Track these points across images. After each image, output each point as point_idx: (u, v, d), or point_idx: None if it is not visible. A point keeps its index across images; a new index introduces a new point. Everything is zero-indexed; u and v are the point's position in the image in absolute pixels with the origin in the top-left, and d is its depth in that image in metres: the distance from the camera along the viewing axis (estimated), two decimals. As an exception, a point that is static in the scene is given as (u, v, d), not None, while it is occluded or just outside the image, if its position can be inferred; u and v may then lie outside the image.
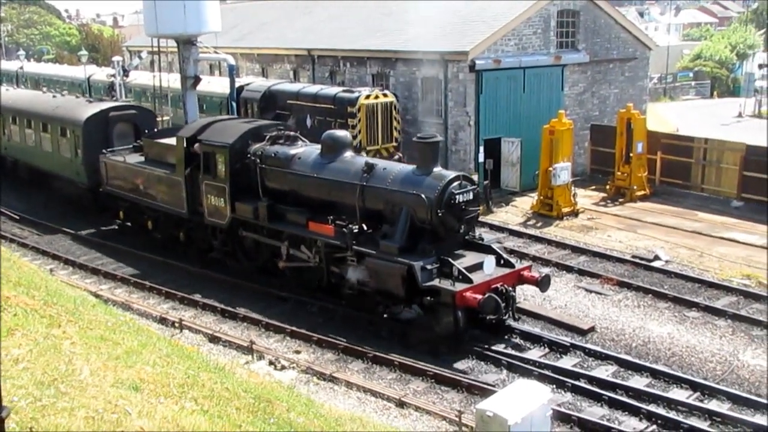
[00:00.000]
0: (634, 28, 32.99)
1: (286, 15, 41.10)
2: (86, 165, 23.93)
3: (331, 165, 16.88)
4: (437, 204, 14.74)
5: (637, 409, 12.68)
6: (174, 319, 16.92)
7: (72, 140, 24.65)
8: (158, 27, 25.90)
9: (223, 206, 18.52)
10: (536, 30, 28.51)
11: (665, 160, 27.50)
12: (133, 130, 24.61)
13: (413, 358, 14.61)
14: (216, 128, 19.32)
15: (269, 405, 5.98)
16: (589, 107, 30.75)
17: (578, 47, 29.85)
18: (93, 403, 4.86)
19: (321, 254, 16.72)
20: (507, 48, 27.81)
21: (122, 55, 45.50)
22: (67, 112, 25.55)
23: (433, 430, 12.26)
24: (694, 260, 20.07)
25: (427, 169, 15.44)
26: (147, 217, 22.06)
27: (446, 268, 14.52)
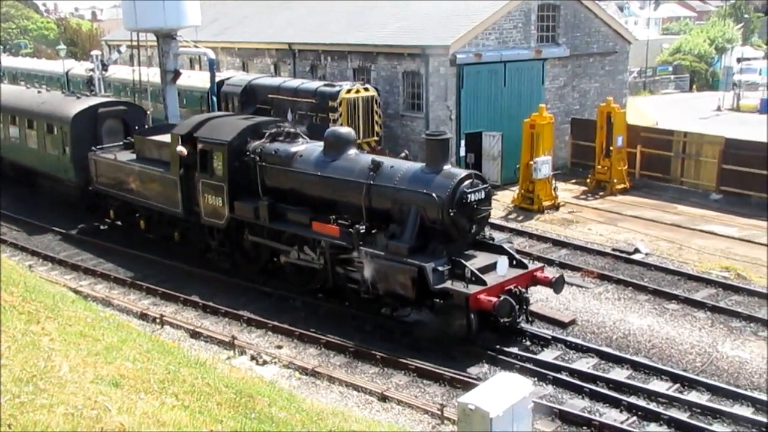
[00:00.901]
0: (614, 22, 33.11)
1: (267, 9, 40.89)
2: (74, 162, 23.25)
3: (335, 163, 16.34)
4: (449, 203, 14.30)
5: (618, 400, 12.76)
6: (155, 314, 16.80)
7: (59, 137, 23.97)
8: (137, 21, 25.79)
9: (221, 206, 17.98)
10: (517, 24, 28.56)
11: (645, 153, 27.66)
12: (123, 126, 23.95)
13: (395, 353, 14.64)
14: (213, 125, 18.72)
15: (250, 400, 5.97)
16: (569, 101, 30.87)
17: (558, 41, 29.94)
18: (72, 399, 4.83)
19: (326, 255, 16.22)
20: (488, 42, 27.84)
21: (101, 50, 45.08)
22: (54, 108, 24.84)
23: (415, 423, 12.29)
24: (673, 253, 20.22)
25: (437, 167, 14.95)
26: (139, 217, 21.54)
27: (458, 269, 14.06)
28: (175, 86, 27.47)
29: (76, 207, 24.55)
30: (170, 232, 20.59)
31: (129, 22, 26.29)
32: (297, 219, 16.71)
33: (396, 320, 15.81)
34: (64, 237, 23.18)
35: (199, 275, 19.26)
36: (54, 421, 4.39)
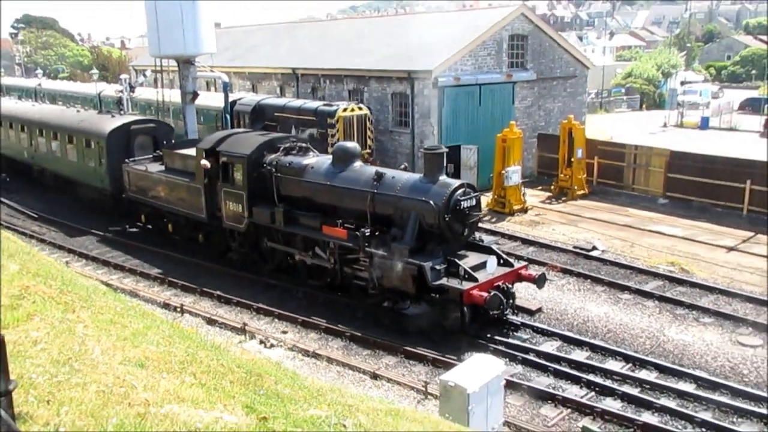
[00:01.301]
0: (575, 50, 33.23)
1: (273, 38, 40.89)
2: (110, 173, 23.29)
3: (343, 174, 16.22)
4: (444, 210, 14.26)
5: (578, 378, 12.83)
6: (176, 304, 16.78)
7: (96, 151, 23.95)
8: (161, 48, 25.72)
9: (240, 211, 17.88)
10: (490, 52, 28.62)
11: (601, 163, 27.74)
12: (152, 141, 23.90)
13: (385, 337, 14.65)
14: (233, 140, 18.61)
15: (259, 378, 5.95)
16: (536, 118, 30.93)
17: (527, 66, 30.02)
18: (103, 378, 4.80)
19: (335, 255, 16.15)
20: (465, 67, 27.89)
21: (129, 74, 44.88)
22: (91, 126, 24.78)
23: (402, 398, 12.29)
24: (626, 250, 20.28)
25: (434, 177, 14.87)
26: (167, 221, 21.46)
27: (453, 267, 14.07)
28: (194, 106, 27.40)
29: (110, 212, 24.40)
30: (195, 235, 20.55)
31: (153, 49, 26.23)
32: (309, 223, 16.62)
33: (385, 309, 15.75)
34: (97, 237, 23.00)
35: (215, 270, 19.22)
36: (87, 398, 4.37)
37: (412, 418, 6.88)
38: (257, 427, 4.52)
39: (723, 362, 13.41)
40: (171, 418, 4.32)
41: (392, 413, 6.62)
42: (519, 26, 29.42)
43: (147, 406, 4.46)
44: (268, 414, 4.81)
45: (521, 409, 11.98)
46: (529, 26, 29.79)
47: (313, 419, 5.00)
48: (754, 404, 11.97)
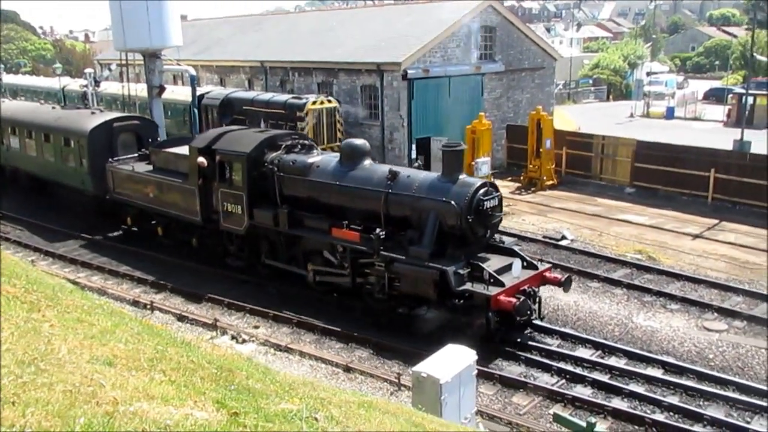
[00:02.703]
0: (542, 42, 33.49)
1: (241, 30, 40.54)
2: (92, 173, 21.86)
3: (353, 173, 15.22)
4: (467, 210, 13.42)
5: (549, 366, 12.95)
6: (146, 301, 16.59)
7: (76, 150, 22.50)
8: (126, 42, 25.33)
9: (240, 213, 16.76)
10: (459, 43, 28.71)
11: (570, 154, 28.04)
12: (136, 139, 22.58)
13: (358, 330, 14.63)
14: (230, 138, 17.44)
15: (230, 374, 5.91)
16: (505, 110, 31.14)
17: (495, 58, 30.18)
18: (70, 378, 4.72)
19: (346, 260, 15.13)
20: (434, 59, 27.94)
21: (93, 68, 44.14)
22: (70, 123, 23.25)
23: (376, 390, 12.31)
24: (594, 239, 20.52)
25: (453, 176, 14.06)
26: (156, 224, 20.22)
27: (476, 271, 13.28)
28: (161, 100, 27.06)
29: (92, 214, 23.04)
30: (188, 238, 19.32)
31: (118, 43, 25.84)
32: (316, 225, 15.62)
33: (357, 301, 15.70)
34: (67, 236, 22.25)
35: (185, 266, 18.99)
36: (54, 398, 4.29)
37: (385, 410, 6.89)
38: (228, 422, 4.48)
39: (689, 347, 13.66)
40: (140, 416, 4.27)
41: (365, 405, 6.62)
42: (487, 18, 29.56)
43: (115, 405, 4.39)
44: (239, 409, 4.77)
45: (493, 398, 12.08)
46: (497, 18, 29.95)
47: (284, 413, 4.97)
48: (719, 387, 12.23)
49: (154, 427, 4.13)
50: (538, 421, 11.41)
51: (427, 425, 6.74)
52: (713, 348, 13.61)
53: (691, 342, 13.84)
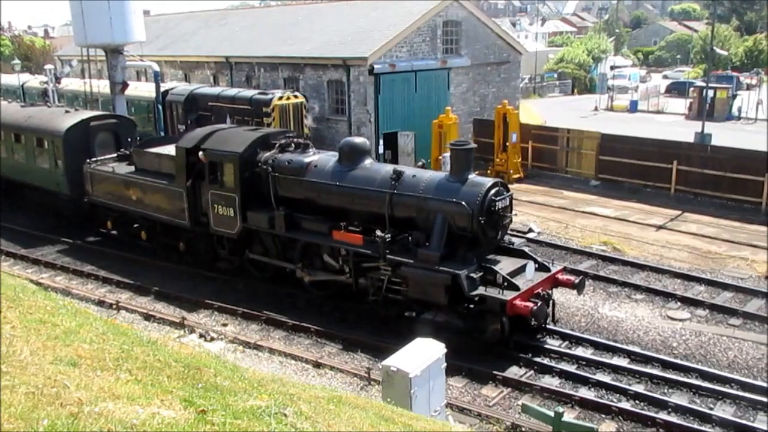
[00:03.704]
0: (508, 36, 33.72)
1: (205, 25, 40.10)
2: (68, 175, 20.68)
3: (353, 173, 14.52)
4: (479, 212, 12.84)
5: (518, 358, 13.08)
6: (111, 301, 16.34)
7: (51, 150, 21.18)
8: (87, 37, 24.91)
9: (232, 216, 15.92)
10: (425, 38, 28.78)
11: (536, 147, 28.27)
12: (114, 139, 21.43)
13: (327, 326, 14.61)
14: (219, 137, 16.45)
15: (198, 372, 5.86)
16: (471, 104, 31.31)
17: (461, 53, 30.31)
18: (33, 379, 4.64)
19: (349, 263, 14.52)
20: (400, 54, 27.97)
21: (54, 64, 43.29)
22: (43, 122, 21.87)
23: (346, 385, 12.32)
24: (561, 231, 20.74)
25: (462, 176, 13.41)
26: (139, 227, 19.18)
27: (489, 275, 12.78)
28: (124, 96, 26.67)
29: (66, 216, 21.98)
30: (174, 242, 18.38)
31: (79, 38, 25.38)
32: (315, 228, 14.93)
33: (325, 298, 15.65)
34: (44, 240, 21.10)
35: (152, 265, 18.73)
36: (16, 400, 4.22)
37: (355, 404, 6.91)
38: (196, 420, 4.46)
39: (654, 336, 13.91)
40: (106, 416, 4.22)
41: (334, 400, 6.63)
42: (453, 13, 29.66)
43: (80, 406, 4.34)
44: (206, 407, 4.75)
45: (463, 391, 12.17)
46: (463, 12, 30.06)
47: (253, 410, 4.96)
48: (683, 375, 12.49)
49: (120, 427, 4.09)
50: (507, 412, 11.53)
51: (396, 419, 6.78)
52: (677, 336, 13.87)
53: (656, 331, 14.08)
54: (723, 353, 13.25)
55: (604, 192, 25.17)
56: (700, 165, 23.85)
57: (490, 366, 12.82)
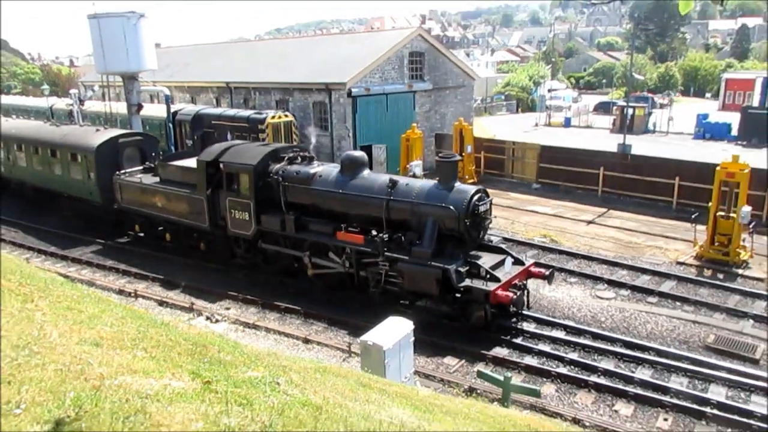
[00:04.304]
0: (463, 65, 33.85)
1: (208, 56, 39.67)
2: (99, 185, 20.29)
3: (354, 182, 14.42)
4: (464, 215, 12.82)
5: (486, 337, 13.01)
6: (130, 290, 16.11)
7: (84, 164, 20.78)
8: (106, 66, 24.52)
9: (247, 219, 15.77)
10: (394, 66, 28.78)
11: (487, 157, 28.45)
12: (139, 153, 21.11)
13: (315, 308, 14.55)
14: (235, 152, 16.24)
15: (204, 349, 5.79)
16: (433, 121, 31.37)
17: (424, 78, 30.37)
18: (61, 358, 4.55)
19: (351, 260, 14.34)
20: (374, 80, 27.94)
21: (78, 89, 42.49)
22: (77, 140, 21.47)
23: (330, 357, 12.28)
24: (508, 226, 20.84)
25: (449, 184, 13.37)
26: (164, 230, 18.95)
27: (473, 269, 12.79)
28: (139, 116, 26.27)
29: (99, 223, 21.35)
30: (195, 243, 18.16)
31: (100, 66, 24.95)
32: (321, 230, 14.78)
33: (312, 284, 15.57)
34: (79, 241, 20.66)
35: (163, 258, 18.50)
36: (46, 376, 4.14)
37: (338, 373, 6.89)
38: (202, 389, 4.40)
39: (586, 312, 14.05)
40: (124, 388, 4.15)
41: (320, 370, 6.60)
42: (417, 45, 29.69)
43: (102, 380, 4.26)
44: (211, 378, 4.69)
45: (428, 360, 12.20)
46: (425, 45, 30.11)
47: (251, 380, 4.91)
48: (609, 344, 12.64)
49: (137, 397, 4.02)
50: (465, 377, 11.59)
51: (373, 385, 6.76)
52: (604, 312, 14.03)
53: (587, 308, 14.22)
54: (642, 326, 13.44)
55: (544, 193, 25.39)
56: (622, 170, 24.17)
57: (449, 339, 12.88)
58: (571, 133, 45.81)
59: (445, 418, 5.83)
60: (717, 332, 13.08)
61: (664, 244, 18.79)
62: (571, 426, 9.66)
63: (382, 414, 5.00)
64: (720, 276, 16.26)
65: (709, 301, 14.65)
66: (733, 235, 16.81)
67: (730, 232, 16.85)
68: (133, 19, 23.86)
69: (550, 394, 10.99)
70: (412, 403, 6.11)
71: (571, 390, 11.15)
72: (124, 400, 3.94)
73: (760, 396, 10.84)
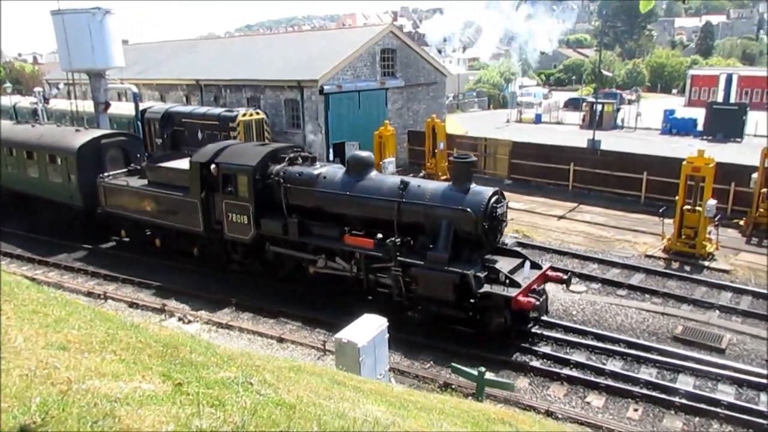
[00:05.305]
0: (435, 62, 33.94)
1: (177, 53, 39.08)
2: (81, 189, 19.16)
3: (361, 183, 13.71)
4: (482, 218, 12.30)
5: (448, 329, 13.16)
6: (99, 292, 15.79)
7: (64, 166, 19.59)
8: (71, 63, 23.94)
9: (246, 223, 14.97)
10: (366, 63, 28.73)
11: (459, 153, 28.55)
12: (123, 155, 20.02)
13: (288, 307, 14.45)
14: (231, 152, 15.42)
15: (175, 350, 5.71)
16: (405, 118, 31.42)
17: (396, 75, 30.39)
18: (26, 363, 4.44)
19: (360, 265, 13.69)
20: (346, 77, 27.85)
21: (42, 86, 41.48)
22: (56, 140, 20.24)
23: (305, 356, 12.23)
24: (481, 222, 20.95)
25: (464, 186, 12.80)
26: (153, 235, 18.00)
27: (492, 274, 12.26)
28: (107, 114, 25.77)
29: (81, 227, 19.99)
30: (188, 248, 17.21)
31: (65, 64, 24.37)
32: (327, 233, 14.07)
33: (287, 283, 15.45)
34: (60, 247, 19.64)
35: (136, 260, 18.17)
36: (11, 382, 4.02)
37: (312, 372, 6.85)
38: (173, 391, 4.34)
39: (558, 306, 14.22)
40: (92, 392, 4.06)
41: (294, 369, 6.56)
42: (389, 42, 29.69)
43: (69, 384, 4.17)
44: (182, 380, 4.62)
45: (403, 357, 12.23)
46: (397, 42, 30.12)
47: (223, 380, 4.86)
48: (581, 337, 12.83)
49: (106, 401, 3.94)
50: (440, 372, 11.65)
51: (348, 382, 6.75)
52: (576, 306, 14.22)
53: (559, 302, 14.38)
54: (613, 318, 13.66)
55: (516, 189, 25.54)
56: (592, 166, 24.52)
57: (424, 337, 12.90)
58: (542, 129, 46.30)
59: (420, 413, 5.85)
60: (684, 323, 13.38)
61: (633, 238, 19.12)
62: (545, 419, 9.78)
63: (357, 411, 5.00)
64: (687, 268, 16.62)
65: (676, 292, 14.97)
66: (699, 228, 17.19)
67: (696, 225, 17.24)
68: (99, 16, 23.37)
69: (524, 388, 11.11)
70: (386, 399, 6.12)
71: (544, 383, 11.29)
72: (92, 404, 3.86)
73: (727, 385, 11.12)
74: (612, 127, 46.01)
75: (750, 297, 14.79)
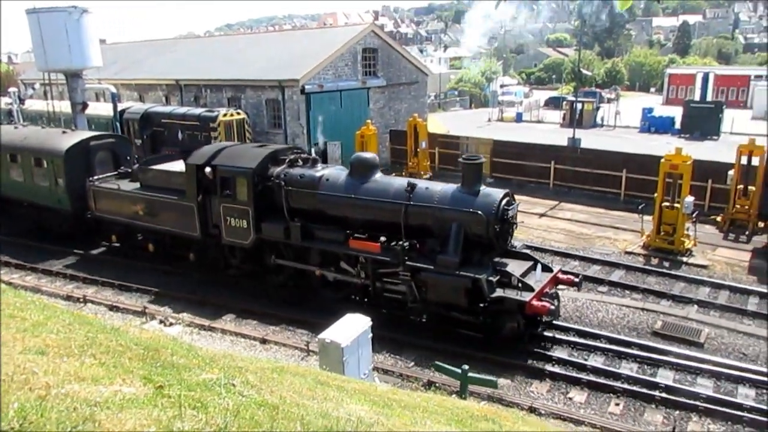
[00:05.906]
0: (416, 61, 34.02)
1: (156, 52, 38.69)
2: (70, 192, 18.55)
3: (366, 186, 13.31)
4: (494, 220, 11.97)
5: (430, 327, 13.18)
6: (78, 295, 15.57)
7: (50, 169, 18.89)
8: (47, 63, 23.57)
9: (245, 227, 14.45)
10: (348, 62, 28.70)
11: (441, 152, 28.68)
12: (113, 157, 19.37)
13: (271, 308, 14.39)
14: (229, 154, 14.87)
15: (156, 353, 5.65)
16: (387, 117, 31.45)
17: (378, 75, 30.40)
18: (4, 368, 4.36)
19: (367, 270, 13.28)
20: (327, 76, 27.80)
21: (18, 87, 40.78)
22: (42, 143, 19.46)
23: (288, 357, 12.19)
24: (464, 221, 21.04)
25: (473, 187, 12.45)
26: (145, 240, 17.51)
27: (504, 278, 11.99)
28: (84, 115, 25.42)
29: (70, 232, 19.41)
30: (183, 253, 16.69)
31: (40, 64, 24.00)
32: (331, 237, 13.59)
33: (269, 285, 15.37)
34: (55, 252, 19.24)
35: (114, 262, 17.95)
36: (-13, 388, 3.94)
37: (296, 372, 6.83)
38: (154, 394, 4.30)
39: (540, 303, 14.31)
40: (72, 396, 4.01)
41: (278, 370, 6.53)
42: (370, 41, 29.68)
43: (48, 389, 4.11)
44: (163, 382, 4.58)
45: (386, 356, 12.25)
46: (378, 41, 30.13)
47: (205, 382, 4.82)
48: (563, 334, 12.95)
49: (85, 405, 3.90)
50: (423, 371, 11.68)
51: (331, 382, 6.74)
52: (557, 302, 14.32)
53: (541, 299, 14.47)
54: (594, 314, 13.81)
55: (497, 187, 25.55)
56: (572, 164, 24.75)
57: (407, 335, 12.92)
58: (522, 128, 46.62)
59: (404, 412, 5.86)
60: (664, 318, 13.57)
61: (613, 235, 19.34)
62: (528, 415, 9.86)
63: (340, 411, 4.99)
64: (666, 264, 16.85)
65: (656, 288, 15.17)
66: (678, 225, 17.45)
67: (674, 221, 17.49)
68: (76, 15, 23.03)
69: (507, 385, 11.18)
70: (370, 398, 6.12)
71: (527, 380, 11.37)
72: (71, 408, 3.81)
73: (705, 378, 11.31)
74: (592, 125, 46.49)
75: (727, 292, 15.05)
